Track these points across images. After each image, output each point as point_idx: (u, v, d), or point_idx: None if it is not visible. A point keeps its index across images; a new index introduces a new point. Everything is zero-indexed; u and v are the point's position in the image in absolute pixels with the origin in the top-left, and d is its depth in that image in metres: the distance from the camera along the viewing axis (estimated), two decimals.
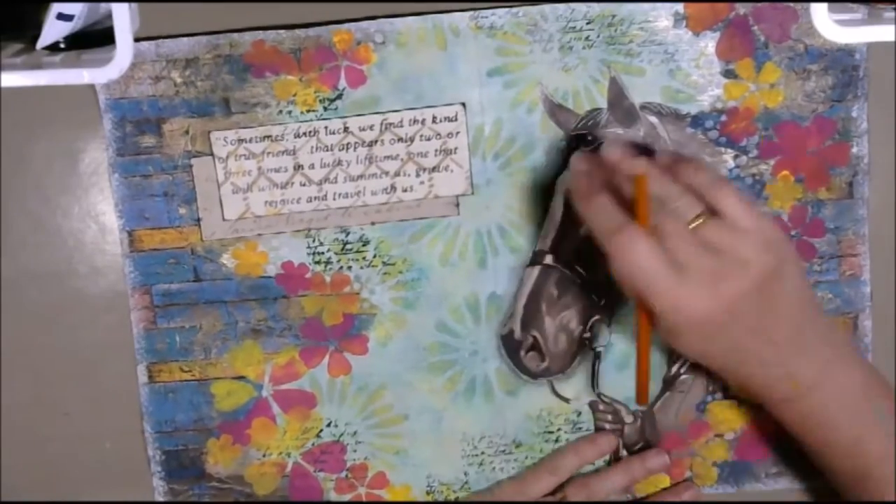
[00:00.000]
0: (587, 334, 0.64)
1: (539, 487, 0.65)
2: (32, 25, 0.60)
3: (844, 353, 0.57)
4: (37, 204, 0.64)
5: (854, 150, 0.62)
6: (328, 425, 0.65)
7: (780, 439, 0.64)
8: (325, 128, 0.62)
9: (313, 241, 0.64)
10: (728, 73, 0.62)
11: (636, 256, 0.52)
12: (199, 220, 0.63)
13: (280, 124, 0.62)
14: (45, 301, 0.64)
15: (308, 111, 0.62)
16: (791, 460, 0.65)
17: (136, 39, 0.60)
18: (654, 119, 0.62)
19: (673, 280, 0.52)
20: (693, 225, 0.53)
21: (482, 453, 0.66)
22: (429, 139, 0.63)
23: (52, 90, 0.58)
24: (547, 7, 0.61)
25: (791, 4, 0.61)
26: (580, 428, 0.65)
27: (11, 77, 0.55)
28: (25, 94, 0.59)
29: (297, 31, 0.61)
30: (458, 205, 0.63)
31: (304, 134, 0.63)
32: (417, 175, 0.63)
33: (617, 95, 0.62)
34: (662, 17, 0.61)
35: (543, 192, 0.63)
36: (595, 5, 0.61)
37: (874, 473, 0.56)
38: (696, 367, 0.64)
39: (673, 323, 0.53)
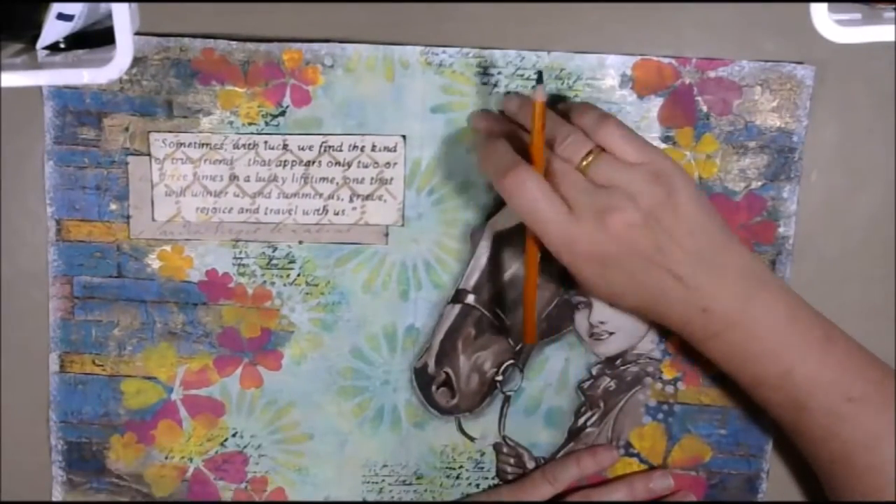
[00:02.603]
0: (499, 377, 0.65)
1: (537, 495, 0.65)
2: (32, 25, 0.59)
3: (765, 284, 0.57)
4: None
5: (781, 229, 0.63)
6: (233, 435, 0.66)
7: None
8: (265, 142, 0.63)
9: (240, 252, 0.64)
10: (667, 139, 0.62)
11: (527, 195, 0.53)
12: (128, 217, 0.64)
13: (220, 133, 0.63)
14: None
15: (250, 124, 0.62)
16: None
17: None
18: None
19: (563, 218, 0.54)
20: (583, 164, 0.55)
21: (382, 481, 0.66)
22: (366, 166, 0.63)
23: None
24: (498, 52, 0.62)
25: (736, 81, 0.62)
26: (482, 467, 0.66)
27: (11, 77, 0.55)
28: None
29: (248, 45, 0.62)
30: (387, 234, 0.64)
31: (244, 146, 0.63)
32: (351, 200, 0.63)
33: None
34: (609, 77, 0.62)
35: (473, 232, 0.64)
36: (545, 56, 0.62)
37: (809, 404, 0.56)
38: (601, 421, 0.65)
39: (568, 260, 0.55)
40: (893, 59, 0.62)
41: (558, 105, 0.60)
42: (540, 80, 0.56)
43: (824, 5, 0.55)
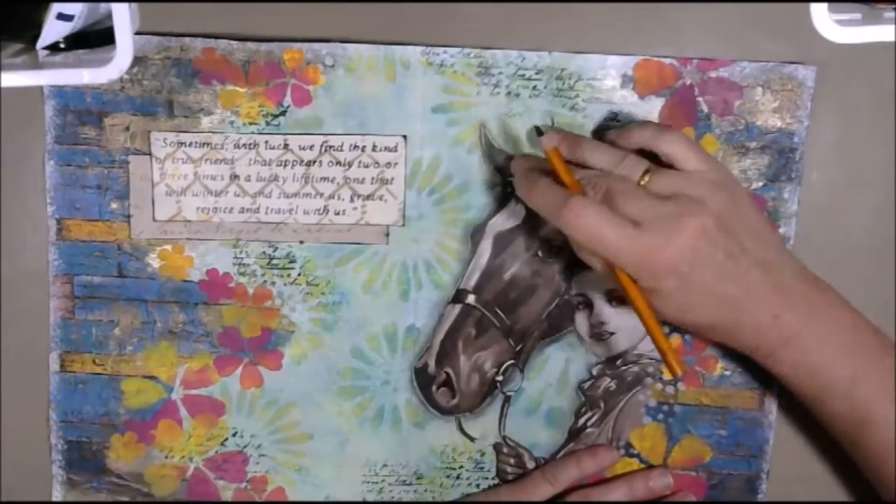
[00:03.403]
0: (499, 377, 0.65)
1: (537, 495, 0.65)
2: (32, 25, 0.59)
3: (825, 291, 0.57)
4: None
5: (781, 230, 0.63)
6: (234, 435, 0.66)
7: None
8: (266, 142, 0.63)
9: (241, 251, 0.64)
10: None
11: (589, 223, 0.53)
12: (129, 217, 0.64)
13: (221, 133, 0.63)
14: None
15: (250, 123, 0.62)
16: None
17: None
18: None
19: (631, 235, 0.53)
20: (642, 182, 0.55)
21: (382, 481, 0.66)
22: (367, 166, 0.63)
23: None
24: (499, 52, 0.62)
25: (737, 82, 0.62)
26: (482, 467, 0.66)
27: (11, 77, 0.55)
28: None
29: (249, 44, 0.62)
30: (388, 234, 0.64)
31: (244, 146, 0.63)
32: (352, 200, 0.63)
33: (488, 148, 0.63)
34: (611, 77, 0.62)
35: (473, 232, 0.64)
36: (546, 56, 0.62)
37: (873, 417, 0.56)
38: (601, 421, 0.65)
39: (647, 278, 0.54)
40: (893, 60, 0.62)
41: (609, 133, 0.60)
42: (540, 132, 0.58)
43: (824, 5, 0.55)
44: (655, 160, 0.57)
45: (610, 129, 0.61)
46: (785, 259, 0.57)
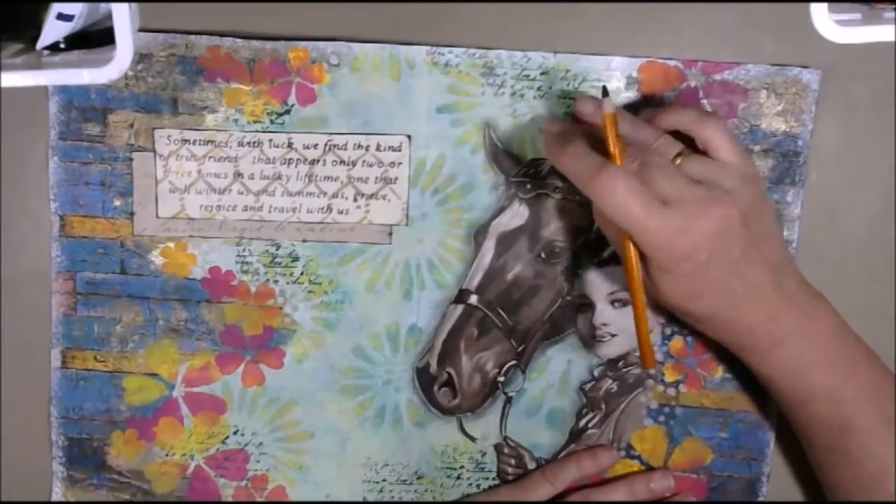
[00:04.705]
0: (501, 378, 0.65)
1: (537, 495, 0.65)
2: (32, 25, 0.59)
3: (818, 298, 0.58)
4: None
5: (784, 233, 0.63)
6: (235, 433, 0.66)
7: None
8: (270, 140, 0.63)
9: (244, 250, 0.64)
10: None
11: (619, 195, 0.52)
12: (132, 214, 0.63)
13: (225, 131, 0.63)
14: None
15: (255, 122, 0.62)
16: None
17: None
18: None
19: (659, 213, 0.52)
20: (676, 162, 0.55)
21: (383, 480, 0.66)
22: (371, 166, 0.63)
23: None
24: (504, 53, 0.62)
25: (742, 84, 0.62)
26: (483, 468, 0.66)
27: (11, 77, 0.55)
28: None
29: (254, 42, 0.62)
30: (391, 234, 0.64)
31: (248, 144, 0.63)
32: (355, 200, 0.63)
33: (492, 148, 0.63)
34: (615, 79, 0.62)
35: (477, 233, 0.64)
36: (551, 57, 0.62)
37: (854, 422, 0.57)
38: (602, 422, 0.65)
39: (663, 259, 0.53)
40: (894, 60, 0.62)
41: (645, 112, 0.59)
42: (605, 93, 0.55)
43: (824, 6, 0.55)
44: (689, 145, 0.57)
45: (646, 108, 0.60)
46: (790, 264, 0.58)
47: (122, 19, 0.55)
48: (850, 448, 0.57)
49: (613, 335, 0.64)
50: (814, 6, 0.55)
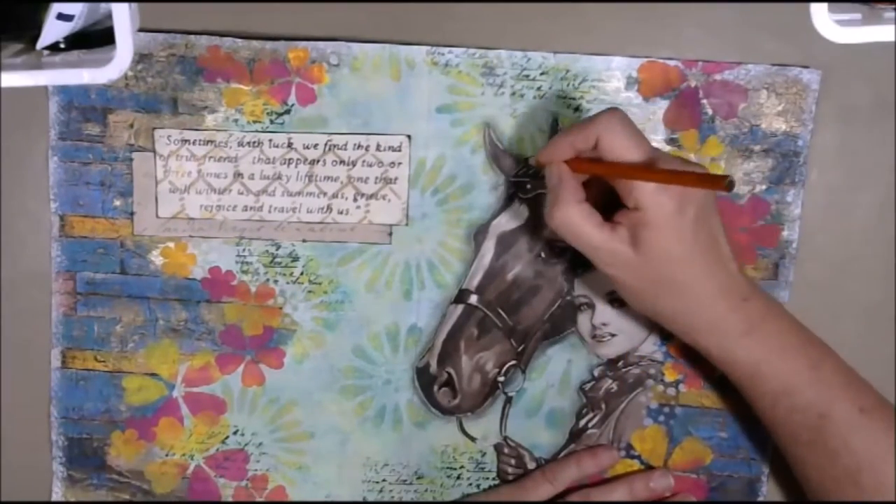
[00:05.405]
0: (501, 378, 0.65)
1: (537, 495, 0.65)
2: (32, 25, 0.59)
3: (771, 297, 0.59)
4: None
5: (784, 233, 0.63)
6: (234, 433, 0.66)
7: None
8: (270, 140, 0.63)
9: (243, 250, 0.64)
10: (672, 142, 0.62)
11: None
12: (132, 214, 0.63)
13: (225, 131, 0.63)
14: None
15: (254, 122, 0.62)
16: None
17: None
18: None
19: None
20: None
21: (383, 480, 0.66)
22: (370, 166, 0.63)
23: None
24: (504, 52, 0.62)
25: (742, 84, 0.62)
26: (483, 468, 0.66)
27: (11, 77, 0.55)
28: None
29: (254, 42, 0.62)
30: (391, 234, 0.64)
31: (248, 144, 0.63)
32: (355, 200, 0.63)
33: (492, 148, 0.63)
34: (615, 79, 0.62)
35: (476, 233, 0.64)
36: (551, 57, 0.62)
37: (831, 411, 0.57)
38: (602, 422, 0.65)
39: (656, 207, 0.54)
40: (894, 60, 0.62)
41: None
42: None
43: (824, 6, 0.55)
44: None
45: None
46: (734, 262, 0.58)
47: (122, 19, 0.55)
48: (828, 439, 0.57)
49: (613, 335, 0.64)
50: (814, 6, 0.55)
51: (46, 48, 0.60)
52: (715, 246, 0.56)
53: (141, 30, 0.61)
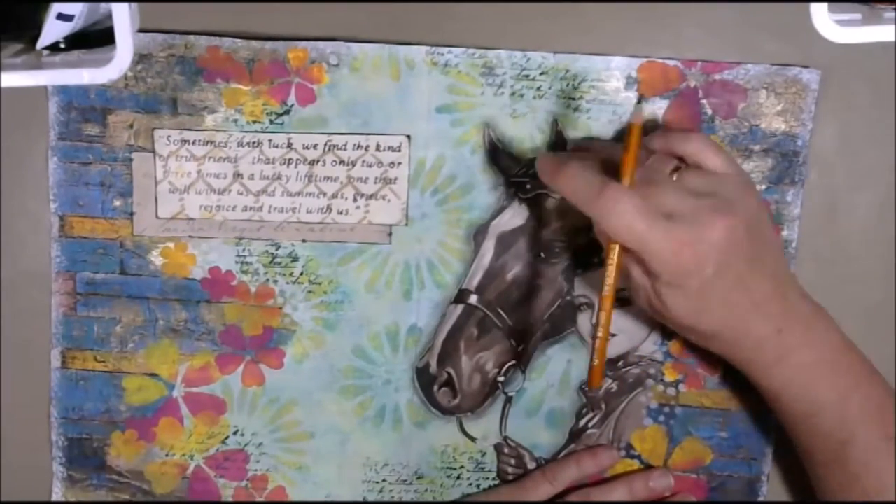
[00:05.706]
0: (501, 378, 0.65)
1: (537, 495, 0.65)
2: (32, 25, 0.59)
3: (820, 312, 0.58)
4: None
5: (784, 233, 0.63)
6: (234, 433, 0.66)
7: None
8: (269, 141, 0.63)
9: (243, 250, 0.64)
10: None
11: (623, 213, 0.51)
12: (132, 214, 0.63)
13: (225, 131, 0.63)
14: None
15: (254, 122, 0.62)
16: None
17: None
18: None
19: (664, 228, 0.52)
20: (672, 177, 0.54)
21: (383, 480, 0.66)
22: (370, 166, 0.63)
23: None
24: (503, 52, 0.62)
25: (741, 84, 0.62)
26: (483, 468, 0.66)
27: (11, 77, 0.55)
28: None
29: (254, 43, 0.62)
30: (390, 234, 0.64)
31: (248, 144, 0.63)
32: (355, 200, 0.63)
33: (492, 148, 0.63)
34: (615, 79, 0.62)
35: (476, 233, 0.64)
36: (551, 57, 0.62)
37: (855, 437, 0.56)
38: (602, 422, 0.65)
39: (672, 274, 0.53)
40: (894, 60, 0.62)
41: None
42: (640, 100, 0.54)
43: (824, 6, 0.55)
44: None
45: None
46: (790, 276, 0.58)
47: (122, 19, 0.55)
48: (849, 463, 0.57)
49: (613, 335, 0.64)
50: (814, 6, 0.55)
51: (46, 48, 0.60)
52: (740, 287, 0.54)
53: (141, 30, 0.61)
